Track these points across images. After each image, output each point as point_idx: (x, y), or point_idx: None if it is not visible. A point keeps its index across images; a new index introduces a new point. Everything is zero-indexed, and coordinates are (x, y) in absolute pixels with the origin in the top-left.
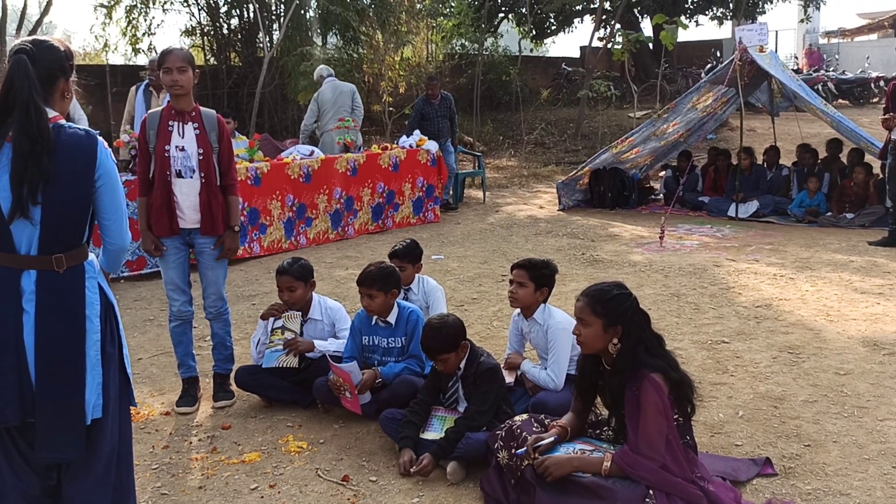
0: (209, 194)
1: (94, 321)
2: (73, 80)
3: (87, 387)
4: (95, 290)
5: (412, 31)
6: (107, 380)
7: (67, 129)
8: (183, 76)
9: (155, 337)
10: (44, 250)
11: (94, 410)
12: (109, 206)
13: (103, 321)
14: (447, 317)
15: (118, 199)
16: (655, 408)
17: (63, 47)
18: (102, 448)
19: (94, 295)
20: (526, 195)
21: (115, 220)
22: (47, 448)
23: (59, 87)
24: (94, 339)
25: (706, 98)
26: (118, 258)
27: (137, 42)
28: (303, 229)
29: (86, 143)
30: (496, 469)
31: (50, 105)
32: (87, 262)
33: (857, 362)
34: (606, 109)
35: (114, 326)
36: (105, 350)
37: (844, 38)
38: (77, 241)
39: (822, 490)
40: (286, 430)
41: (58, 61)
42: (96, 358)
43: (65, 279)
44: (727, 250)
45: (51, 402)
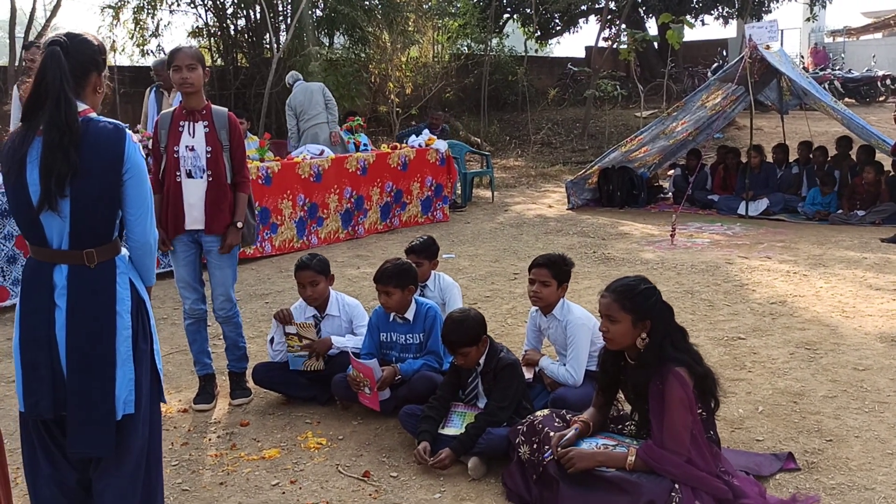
0: (216, 193)
1: (125, 317)
2: (104, 74)
3: (118, 383)
4: (126, 286)
5: (419, 31)
6: (139, 376)
7: (97, 123)
8: (193, 74)
9: (169, 335)
10: (74, 245)
11: (126, 406)
12: (135, 201)
13: (134, 317)
14: (468, 311)
15: (145, 194)
16: (681, 402)
17: (97, 42)
18: (134, 444)
19: (124, 291)
20: (534, 194)
21: (140, 216)
22: (78, 443)
23: (92, 80)
24: (125, 336)
25: (715, 96)
26: (143, 256)
27: (145, 43)
28: (314, 229)
29: (114, 136)
30: (518, 464)
31: (81, 98)
32: (119, 258)
33: (876, 358)
34: (613, 109)
35: (146, 322)
36: (138, 346)
37: (850, 37)
38: (107, 236)
39: (847, 485)
40: (305, 426)
41: (91, 55)
42: (127, 354)
43: (96, 274)
44: (739, 248)
45: (81, 397)
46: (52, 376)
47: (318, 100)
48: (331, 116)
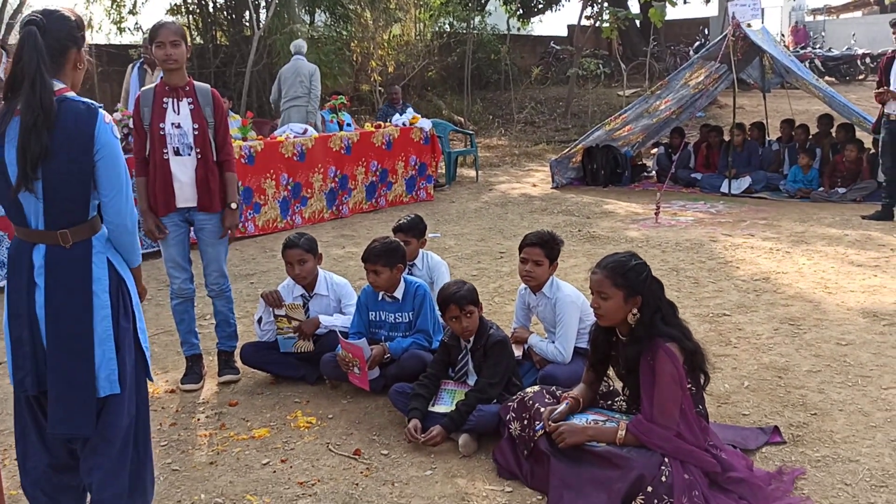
0: (206, 170)
1: (102, 296)
2: (83, 50)
3: (97, 361)
4: (104, 266)
5: (402, 9)
6: (122, 354)
7: (70, 102)
8: (176, 50)
9: (154, 316)
10: (50, 225)
11: (110, 386)
12: (107, 182)
13: (114, 296)
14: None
15: (118, 174)
16: (671, 377)
17: (74, 17)
18: (120, 423)
19: (101, 270)
20: (518, 174)
21: (114, 197)
22: (59, 422)
23: (71, 57)
24: (103, 315)
25: (698, 74)
26: (121, 237)
27: (122, 21)
28: (298, 208)
29: (85, 116)
30: (509, 440)
31: (62, 76)
32: (96, 237)
33: (858, 333)
34: (596, 88)
35: (127, 301)
36: (119, 324)
37: (830, 16)
38: (82, 217)
39: (831, 457)
40: (294, 405)
41: (69, 31)
42: (106, 333)
43: (72, 254)
44: (722, 225)
45: (61, 375)
46: (35, 353)
47: (304, 82)
48: (311, 105)
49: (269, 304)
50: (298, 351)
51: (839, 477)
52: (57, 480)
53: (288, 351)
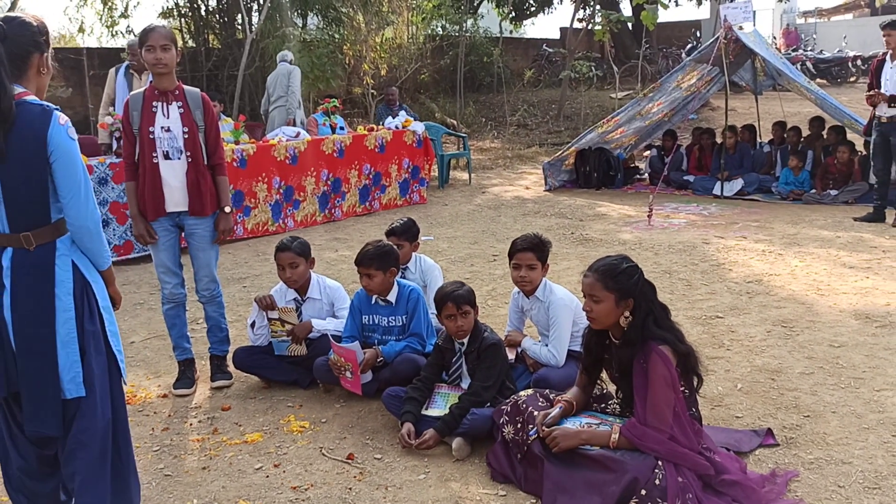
0: (197, 174)
1: (65, 299)
2: (47, 54)
3: (61, 364)
4: (67, 268)
5: (394, 12)
6: (87, 357)
7: (27, 106)
8: (166, 54)
9: (146, 321)
10: (13, 228)
11: (75, 388)
12: (64, 184)
13: (78, 299)
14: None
15: (75, 176)
16: (664, 380)
17: (36, 22)
18: (95, 426)
19: (65, 273)
20: (511, 176)
21: (73, 199)
22: (29, 422)
23: (34, 62)
24: (66, 317)
25: (690, 77)
26: (83, 239)
27: (114, 24)
28: (290, 212)
29: (39, 119)
30: (502, 444)
31: (23, 81)
32: (60, 240)
33: (851, 335)
34: (588, 90)
35: (93, 304)
36: (83, 328)
37: (821, 18)
38: (44, 219)
39: (825, 459)
40: (287, 410)
41: (30, 37)
42: (69, 336)
43: (35, 257)
44: (715, 228)
45: (29, 377)
46: (3, 355)
47: (283, 83)
48: (289, 102)
49: (262, 308)
50: (292, 354)
51: (832, 479)
52: (31, 486)
53: (282, 354)
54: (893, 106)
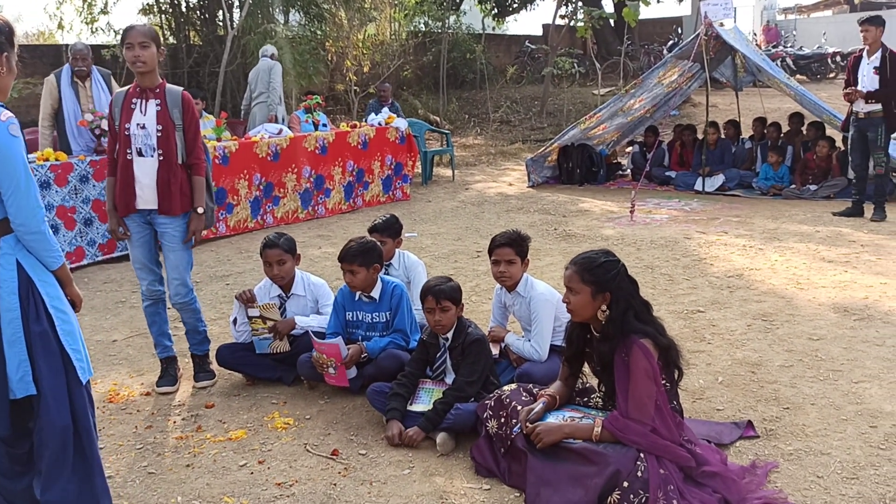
0: (168, 173)
1: (8, 299)
2: (8, 54)
3: (9, 364)
4: (11, 268)
5: (376, 8)
6: (34, 357)
7: None
8: (145, 52)
9: (128, 319)
10: None
11: (25, 387)
12: (4, 182)
13: (23, 298)
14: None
15: (14, 173)
16: (645, 373)
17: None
18: (52, 423)
19: (7, 272)
20: (494, 173)
21: (12, 196)
22: None
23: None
24: (11, 317)
25: (672, 73)
26: (27, 239)
27: (94, 21)
28: (270, 208)
29: None
30: (486, 438)
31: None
32: (3, 240)
33: (829, 328)
34: (570, 87)
35: (39, 303)
36: (28, 328)
37: (801, 15)
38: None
39: (804, 450)
40: (271, 407)
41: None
42: (14, 336)
43: None
44: (696, 223)
45: None
46: None
47: (264, 79)
48: (270, 98)
49: (243, 302)
50: (274, 352)
51: (811, 470)
52: (5, 483)
53: (264, 352)
54: (870, 102)
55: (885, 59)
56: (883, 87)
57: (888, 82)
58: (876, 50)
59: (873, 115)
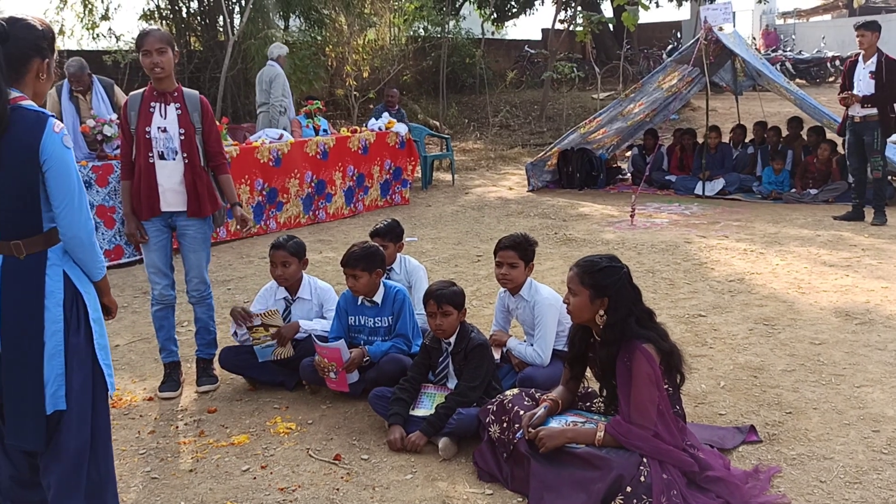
0: (194, 175)
1: (54, 310)
2: (48, 60)
3: (46, 377)
4: (59, 279)
5: (376, 13)
6: (69, 371)
7: (21, 110)
8: (163, 57)
9: (131, 324)
10: (3, 235)
11: (55, 402)
12: (57, 193)
13: (68, 310)
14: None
15: (69, 186)
16: (647, 377)
17: (42, 26)
18: (69, 441)
19: (55, 283)
20: (494, 177)
21: (65, 208)
22: (11, 435)
23: (34, 67)
24: (54, 329)
25: (671, 78)
26: (75, 250)
27: (95, 26)
28: (273, 213)
29: (32, 125)
30: (488, 443)
31: (21, 85)
32: (52, 250)
33: (831, 332)
34: (570, 91)
35: (81, 316)
36: (68, 340)
37: (800, 19)
38: (35, 228)
39: (807, 455)
40: (273, 411)
41: (33, 41)
42: (56, 349)
43: (25, 266)
44: (697, 227)
45: (12, 389)
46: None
47: (265, 89)
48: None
49: (236, 320)
50: (278, 358)
51: (814, 474)
52: (22, 494)
53: (267, 360)
54: (866, 106)
55: (881, 63)
56: (878, 92)
57: (884, 87)
58: (872, 55)
59: (869, 119)
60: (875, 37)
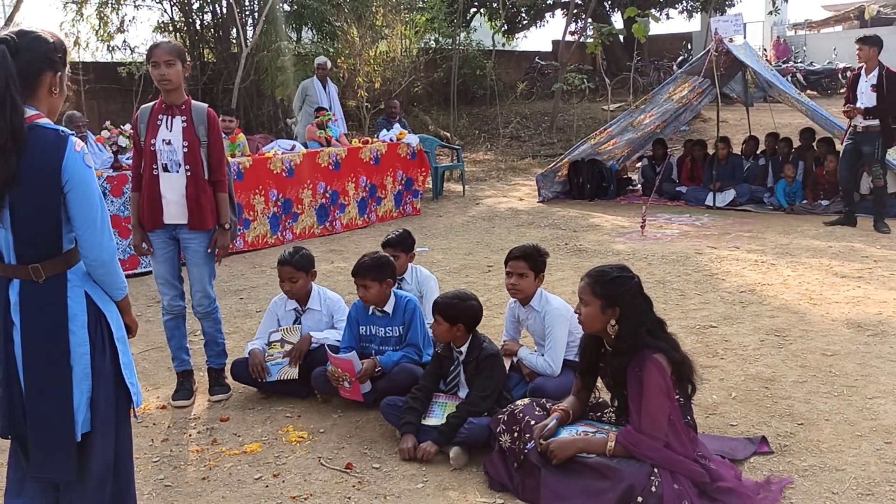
0: (197, 188)
1: (80, 333)
2: (61, 74)
3: (76, 403)
4: (81, 300)
5: (388, 26)
6: (96, 394)
7: (39, 129)
8: (171, 70)
9: (144, 332)
10: (21, 259)
11: (84, 425)
12: (80, 214)
13: (92, 331)
14: (473, 297)
15: (91, 207)
16: (658, 388)
17: (53, 39)
18: (93, 463)
19: (78, 305)
20: (504, 188)
21: (88, 230)
22: (38, 467)
23: (46, 81)
24: (81, 353)
25: (682, 89)
26: (97, 272)
27: (110, 39)
28: (289, 225)
29: (53, 144)
30: (499, 453)
31: (34, 101)
32: (72, 271)
33: (843, 343)
34: (580, 102)
35: (105, 336)
36: (94, 362)
37: (811, 30)
38: (55, 250)
39: (818, 466)
40: (285, 420)
41: (44, 54)
42: (84, 372)
43: (45, 290)
44: (707, 238)
45: (39, 418)
46: (10, 395)
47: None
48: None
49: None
50: (282, 378)
51: (826, 486)
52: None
53: (272, 379)
54: (868, 118)
55: (882, 76)
56: (880, 104)
57: (885, 99)
58: (873, 68)
59: (871, 130)
60: (874, 51)
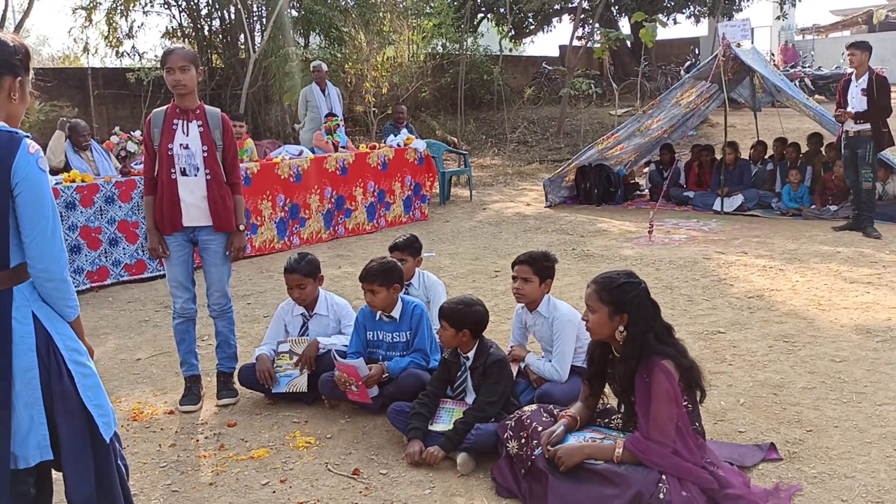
0: (219, 191)
1: (26, 357)
2: (22, 79)
3: (25, 428)
4: (27, 322)
5: (395, 31)
6: (57, 419)
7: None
8: (185, 75)
9: (152, 338)
10: None
11: (40, 452)
12: (28, 221)
13: (43, 356)
14: (479, 304)
15: (42, 213)
16: (666, 394)
17: (14, 42)
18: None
19: (24, 327)
20: (512, 193)
21: (37, 238)
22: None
23: (5, 85)
24: (28, 378)
25: (690, 94)
26: (44, 286)
27: (119, 45)
28: (296, 230)
29: (4, 143)
30: (507, 459)
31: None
32: (19, 288)
33: (852, 349)
34: (587, 107)
35: (60, 360)
36: (49, 388)
37: (819, 35)
38: (1, 263)
39: (828, 473)
40: (292, 426)
41: (3, 57)
42: (33, 397)
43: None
44: (715, 243)
45: None
46: None
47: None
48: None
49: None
50: (292, 391)
51: (835, 493)
52: None
53: (280, 391)
54: (859, 122)
55: (871, 81)
56: (870, 108)
57: (875, 103)
58: (863, 73)
59: (863, 134)
60: (865, 56)
